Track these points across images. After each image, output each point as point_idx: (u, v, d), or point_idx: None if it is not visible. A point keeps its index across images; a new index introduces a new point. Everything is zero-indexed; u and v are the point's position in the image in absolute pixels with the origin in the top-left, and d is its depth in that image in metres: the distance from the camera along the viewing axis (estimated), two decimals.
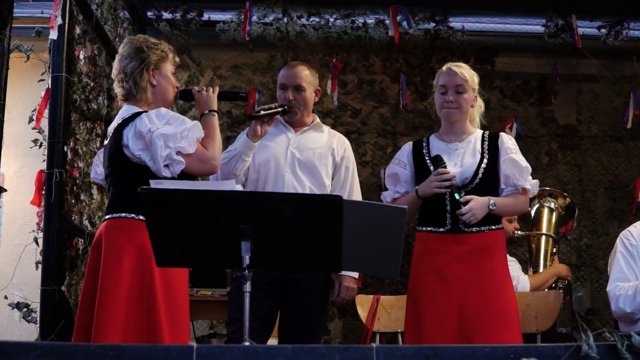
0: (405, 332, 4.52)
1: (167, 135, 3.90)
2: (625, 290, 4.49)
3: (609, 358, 2.56)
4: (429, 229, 4.48)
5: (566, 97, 7.98)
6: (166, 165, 3.91)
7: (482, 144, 4.57)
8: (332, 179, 4.96)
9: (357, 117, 7.80)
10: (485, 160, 4.49)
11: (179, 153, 3.92)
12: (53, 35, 4.83)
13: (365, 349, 2.49)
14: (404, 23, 7.03)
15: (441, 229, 4.44)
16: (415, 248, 4.54)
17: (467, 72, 4.56)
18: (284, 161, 4.84)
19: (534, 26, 7.62)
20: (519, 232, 6.33)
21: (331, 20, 7.36)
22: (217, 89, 4.31)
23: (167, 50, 4.22)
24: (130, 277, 3.82)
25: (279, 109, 4.75)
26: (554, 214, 6.57)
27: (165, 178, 3.86)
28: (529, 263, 6.50)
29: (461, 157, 4.53)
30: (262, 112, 4.68)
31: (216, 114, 4.23)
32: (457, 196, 4.35)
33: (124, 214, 3.93)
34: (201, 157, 3.99)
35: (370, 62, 7.76)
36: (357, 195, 5.04)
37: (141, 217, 3.86)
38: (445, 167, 4.42)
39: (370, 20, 7.41)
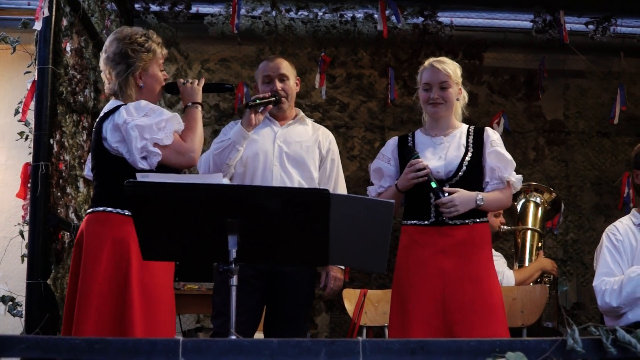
0: (390, 325, 4.54)
1: (142, 127, 3.91)
2: (611, 285, 4.51)
3: (594, 352, 2.57)
4: (413, 222, 4.50)
5: (553, 93, 7.99)
6: (143, 157, 3.91)
7: (467, 137, 4.61)
8: (318, 171, 4.97)
9: (345, 111, 7.80)
10: (469, 154, 4.52)
11: (155, 145, 3.92)
12: (37, 26, 4.81)
13: (352, 342, 2.49)
14: (393, 17, 7.03)
15: (425, 222, 4.47)
16: (400, 242, 4.56)
17: (449, 67, 4.59)
18: (272, 155, 4.84)
19: (522, 22, 7.63)
20: (505, 226, 6.36)
21: (320, 14, 7.36)
22: (202, 81, 4.30)
23: (154, 48, 4.20)
24: (107, 270, 3.85)
25: (272, 99, 4.79)
26: (540, 208, 6.58)
27: (142, 170, 3.86)
28: (515, 258, 6.51)
29: (445, 151, 4.56)
30: (258, 101, 4.72)
31: (200, 107, 4.21)
32: (433, 185, 4.37)
33: (102, 208, 3.95)
34: (179, 149, 3.98)
35: (358, 57, 7.76)
36: (342, 188, 5.07)
37: (119, 211, 3.90)
38: (417, 157, 4.44)
39: (359, 15, 7.40)
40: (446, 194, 4.35)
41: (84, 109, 5.40)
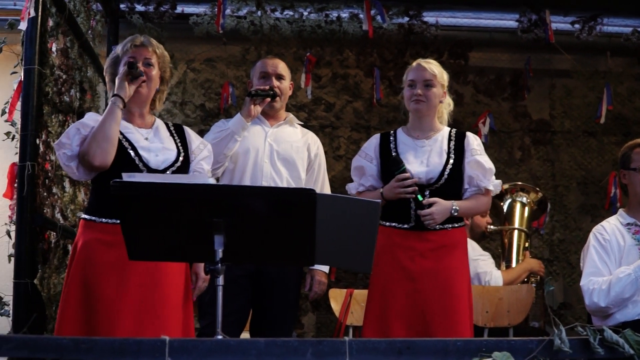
0: (365, 324, 4.52)
1: (57, 144, 4.01)
2: (599, 285, 4.50)
3: (581, 352, 2.58)
4: (392, 224, 4.52)
5: (539, 92, 8.00)
6: (75, 170, 4.00)
7: (449, 142, 4.62)
8: (306, 174, 5.01)
9: (331, 111, 7.80)
10: (451, 161, 4.55)
11: (67, 157, 3.98)
12: (23, 26, 4.79)
13: (338, 342, 2.49)
14: (378, 17, 7.03)
15: (405, 226, 4.49)
16: (377, 242, 4.56)
17: (436, 68, 4.62)
18: (263, 152, 4.88)
19: (508, 21, 7.63)
20: (492, 226, 6.36)
21: (305, 14, 7.35)
22: (123, 69, 4.08)
23: (116, 49, 4.26)
24: (76, 274, 3.92)
25: (270, 93, 4.91)
26: (526, 208, 6.59)
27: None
28: (502, 258, 6.52)
29: (427, 156, 4.57)
30: (259, 92, 4.87)
31: (116, 98, 4.02)
32: (420, 198, 4.40)
33: (84, 216, 4.06)
34: (79, 153, 3.98)
35: (344, 56, 7.76)
36: (327, 193, 5.09)
37: (86, 217, 3.99)
38: (404, 169, 4.45)
39: (344, 14, 7.40)
40: (426, 207, 4.40)
41: (69, 109, 5.38)
